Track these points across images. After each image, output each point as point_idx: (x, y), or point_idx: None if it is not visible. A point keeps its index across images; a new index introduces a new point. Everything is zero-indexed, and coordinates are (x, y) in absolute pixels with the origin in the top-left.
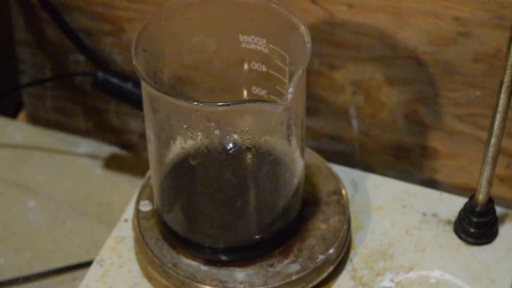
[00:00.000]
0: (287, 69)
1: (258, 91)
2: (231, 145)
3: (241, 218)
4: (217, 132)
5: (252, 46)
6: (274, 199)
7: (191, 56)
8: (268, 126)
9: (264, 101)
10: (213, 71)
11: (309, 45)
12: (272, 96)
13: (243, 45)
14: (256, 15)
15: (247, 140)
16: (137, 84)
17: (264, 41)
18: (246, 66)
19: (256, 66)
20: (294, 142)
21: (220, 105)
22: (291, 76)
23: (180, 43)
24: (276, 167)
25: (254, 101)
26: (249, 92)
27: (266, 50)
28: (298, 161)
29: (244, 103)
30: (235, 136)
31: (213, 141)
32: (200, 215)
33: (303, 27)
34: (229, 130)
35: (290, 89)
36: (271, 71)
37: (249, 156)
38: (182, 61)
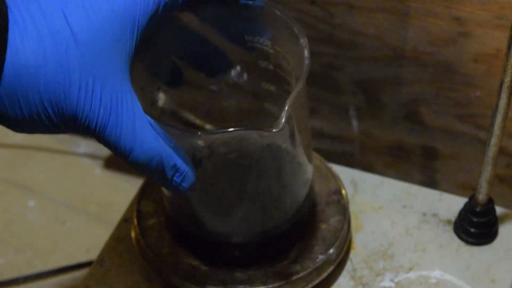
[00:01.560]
0: (292, 71)
1: (267, 86)
2: (230, 158)
3: (244, 229)
4: (213, 152)
5: (258, 46)
6: (280, 208)
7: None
8: (267, 142)
9: (256, 128)
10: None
11: (307, 61)
12: (281, 93)
13: (249, 44)
14: (261, 19)
15: (246, 157)
16: None
17: (269, 42)
18: (254, 63)
19: (263, 64)
20: (299, 149)
21: (211, 133)
22: (296, 78)
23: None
24: (282, 175)
25: (245, 129)
26: (259, 87)
27: (272, 51)
28: (305, 167)
29: (233, 131)
30: (233, 155)
31: (212, 156)
32: (206, 219)
33: (302, 40)
34: (225, 151)
35: (283, 114)
36: (278, 70)
37: (251, 167)
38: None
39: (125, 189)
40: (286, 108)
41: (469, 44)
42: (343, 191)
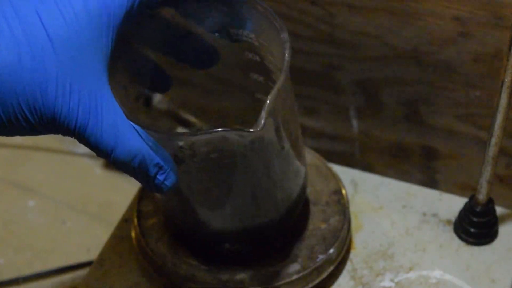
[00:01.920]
0: (277, 64)
1: (256, 77)
2: (213, 158)
3: (236, 225)
4: (195, 152)
5: (244, 38)
6: (271, 203)
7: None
8: (248, 141)
9: (235, 129)
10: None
11: (288, 57)
12: (270, 83)
13: (234, 37)
14: (243, 13)
15: (229, 156)
16: None
17: (253, 35)
18: (241, 54)
19: (250, 55)
20: (287, 142)
21: (189, 134)
22: (280, 71)
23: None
24: (270, 174)
25: (225, 130)
26: (247, 77)
27: (257, 43)
28: (294, 160)
29: (212, 132)
30: (216, 154)
31: (195, 156)
32: (200, 216)
33: (283, 34)
34: (208, 151)
35: (263, 114)
36: (264, 62)
37: (235, 165)
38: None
39: (125, 189)
40: (266, 108)
41: (469, 44)
42: (343, 191)
